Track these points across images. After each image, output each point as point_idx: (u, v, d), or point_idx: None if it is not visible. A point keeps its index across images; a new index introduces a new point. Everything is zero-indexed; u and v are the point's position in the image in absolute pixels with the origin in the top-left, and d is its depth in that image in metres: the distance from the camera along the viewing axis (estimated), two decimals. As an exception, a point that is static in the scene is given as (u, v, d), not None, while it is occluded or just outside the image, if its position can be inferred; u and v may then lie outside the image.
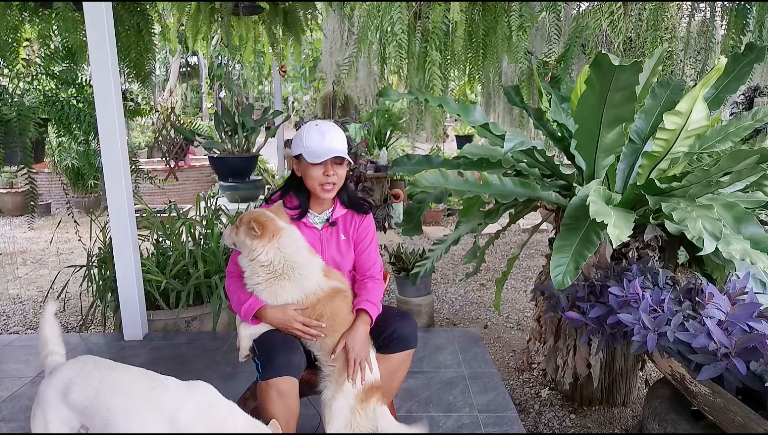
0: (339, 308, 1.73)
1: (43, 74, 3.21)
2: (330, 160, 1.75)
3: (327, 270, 1.78)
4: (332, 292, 1.73)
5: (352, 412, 1.62)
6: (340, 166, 1.79)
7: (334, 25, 4.83)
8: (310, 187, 1.81)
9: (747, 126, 2.28)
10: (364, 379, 1.65)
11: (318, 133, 1.75)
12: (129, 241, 2.87)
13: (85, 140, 3.19)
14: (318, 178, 1.76)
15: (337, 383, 1.65)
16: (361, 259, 1.91)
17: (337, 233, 1.88)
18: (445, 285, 4.50)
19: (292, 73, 10.73)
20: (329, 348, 1.69)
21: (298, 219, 1.84)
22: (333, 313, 1.71)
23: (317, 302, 1.70)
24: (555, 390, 2.65)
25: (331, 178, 1.77)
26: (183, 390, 1.48)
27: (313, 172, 1.76)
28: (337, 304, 1.73)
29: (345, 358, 1.66)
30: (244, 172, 5.62)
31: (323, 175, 1.76)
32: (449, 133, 9.62)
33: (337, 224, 1.89)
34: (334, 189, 1.80)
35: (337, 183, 1.80)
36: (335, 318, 1.71)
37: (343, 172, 1.81)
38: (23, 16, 3.39)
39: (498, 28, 2.78)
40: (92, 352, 2.89)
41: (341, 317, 1.72)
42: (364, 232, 1.91)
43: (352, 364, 1.64)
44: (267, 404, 1.61)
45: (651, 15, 2.57)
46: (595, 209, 1.74)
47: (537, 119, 2.57)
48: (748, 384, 1.57)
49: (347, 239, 1.89)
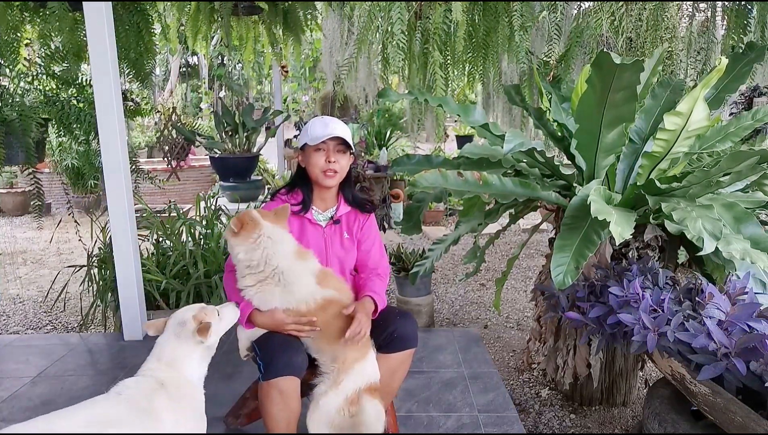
0: (330, 323, 1.69)
1: (43, 74, 3.21)
2: (332, 146, 1.79)
3: (322, 275, 1.72)
4: (325, 303, 1.69)
5: (337, 411, 1.62)
6: (342, 155, 1.82)
7: (334, 25, 4.82)
8: (313, 176, 1.83)
9: (747, 126, 2.28)
10: (357, 341, 1.64)
11: (321, 122, 1.82)
12: (129, 241, 2.87)
13: (86, 140, 3.19)
14: (320, 165, 1.80)
15: (334, 382, 1.64)
16: (367, 258, 1.92)
17: (341, 231, 1.89)
18: (445, 285, 4.50)
19: (292, 73, 10.72)
20: (328, 354, 1.69)
21: (302, 213, 1.85)
22: (327, 321, 1.68)
23: (308, 313, 1.67)
24: (555, 390, 2.65)
25: (333, 165, 1.80)
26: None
27: (316, 159, 1.80)
28: (329, 316, 1.69)
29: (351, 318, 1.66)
30: (244, 172, 5.61)
31: (325, 161, 1.79)
32: (449, 133, 9.62)
33: (341, 222, 1.90)
34: (336, 177, 1.82)
35: (339, 172, 1.82)
36: (329, 328, 1.68)
37: (345, 163, 1.84)
38: (24, 16, 3.39)
39: (499, 27, 2.77)
40: (92, 352, 2.89)
41: (336, 326, 1.69)
42: (368, 230, 1.93)
43: (357, 323, 1.64)
44: (268, 404, 1.61)
45: (651, 15, 2.57)
46: (596, 208, 1.74)
47: (537, 119, 2.57)
48: (748, 384, 1.57)
49: (351, 237, 1.90)
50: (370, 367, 1.70)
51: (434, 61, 2.64)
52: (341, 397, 1.63)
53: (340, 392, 1.63)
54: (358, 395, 1.64)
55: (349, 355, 1.66)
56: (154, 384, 1.37)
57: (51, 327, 3.69)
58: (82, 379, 2.56)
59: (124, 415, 1.28)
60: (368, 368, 1.69)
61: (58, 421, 1.21)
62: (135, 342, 2.94)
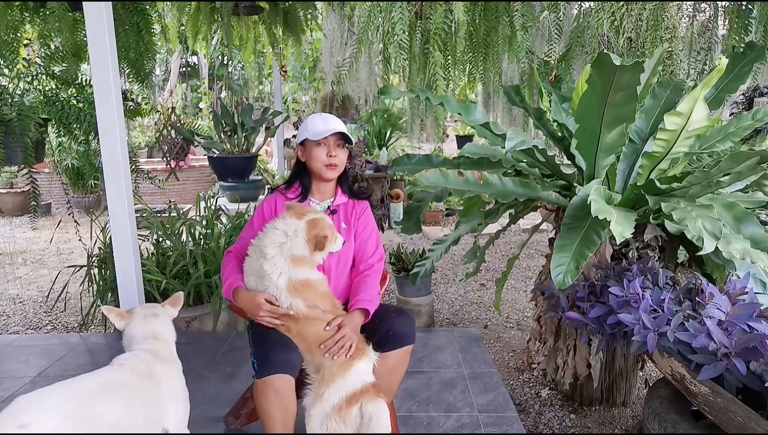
0: (309, 327, 1.69)
1: (43, 74, 3.21)
2: (333, 141, 1.87)
3: (294, 286, 1.70)
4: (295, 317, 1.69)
5: (327, 418, 1.62)
6: (341, 149, 1.90)
7: (334, 25, 4.83)
8: (315, 169, 1.90)
9: (747, 126, 2.28)
10: (339, 356, 1.64)
11: (321, 118, 1.90)
12: (129, 241, 2.86)
13: (85, 140, 3.19)
14: (322, 159, 1.87)
15: (316, 393, 1.65)
16: (363, 248, 1.94)
17: (338, 221, 1.93)
18: (445, 285, 4.50)
19: (292, 74, 10.72)
20: (312, 364, 1.69)
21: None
22: (302, 331, 1.68)
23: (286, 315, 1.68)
24: (555, 390, 2.65)
25: (334, 159, 1.87)
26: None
27: (318, 153, 1.87)
28: (305, 324, 1.69)
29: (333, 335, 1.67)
30: (243, 172, 5.62)
31: (327, 155, 1.87)
32: (449, 133, 9.62)
33: (339, 212, 1.94)
34: (336, 170, 1.90)
35: (339, 165, 1.90)
36: (306, 338, 1.68)
37: (344, 157, 1.92)
38: (23, 16, 3.39)
39: (499, 27, 2.77)
40: (92, 352, 2.89)
41: (314, 336, 1.68)
42: (364, 221, 1.97)
43: (338, 338, 1.65)
44: (263, 402, 1.61)
45: (651, 15, 2.56)
46: (596, 208, 1.74)
47: (537, 119, 2.57)
48: (748, 384, 1.58)
49: (348, 227, 1.94)
50: (355, 377, 1.66)
51: (435, 61, 2.64)
52: (327, 407, 1.62)
53: (325, 403, 1.62)
54: (348, 402, 1.63)
55: (330, 369, 1.65)
56: (149, 355, 1.63)
57: (51, 327, 3.69)
58: (82, 379, 2.55)
59: (132, 379, 1.52)
60: (352, 379, 1.66)
61: (78, 383, 1.44)
62: (135, 342, 2.94)
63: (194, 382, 2.49)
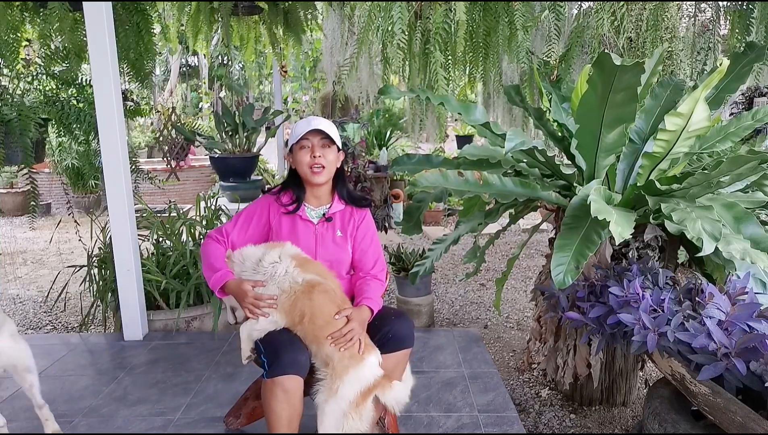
0: (320, 308, 1.68)
1: (43, 74, 3.21)
2: (316, 142, 1.81)
3: (303, 260, 1.75)
4: (308, 287, 1.69)
5: (344, 416, 1.61)
6: (328, 149, 1.83)
7: (334, 25, 4.82)
8: (303, 174, 1.85)
9: (747, 126, 2.28)
10: (346, 348, 1.64)
11: (304, 121, 1.85)
12: (129, 241, 2.87)
13: (86, 140, 3.19)
14: (306, 161, 1.82)
15: (329, 389, 1.63)
16: (363, 258, 1.90)
17: (333, 229, 1.88)
18: (445, 285, 4.50)
19: (292, 74, 10.72)
20: (320, 356, 1.68)
21: (294, 212, 1.86)
22: (313, 312, 1.67)
23: (294, 296, 1.68)
24: (555, 390, 2.65)
25: (319, 160, 1.81)
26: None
27: (301, 156, 1.83)
28: (317, 302, 1.68)
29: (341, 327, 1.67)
30: (244, 172, 5.61)
31: (310, 157, 1.81)
32: (449, 133, 9.62)
33: (334, 220, 1.89)
34: (323, 172, 1.83)
35: (326, 166, 1.83)
36: (315, 320, 1.67)
37: (331, 157, 1.85)
38: (23, 16, 3.39)
39: (499, 27, 2.77)
40: (92, 352, 2.89)
41: (323, 319, 1.67)
42: (364, 229, 1.92)
43: (346, 331, 1.64)
44: (271, 402, 1.61)
45: (651, 15, 2.56)
46: (596, 208, 1.74)
47: (537, 119, 2.57)
48: (748, 384, 1.57)
49: (344, 236, 1.89)
50: (368, 371, 1.66)
51: (435, 61, 2.64)
52: (344, 403, 1.60)
53: (340, 399, 1.60)
54: (363, 396, 1.62)
55: (341, 361, 1.63)
56: None
57: (51, 327, 3.70)
58: (82, 379, 2.55)
59: None
60: (366, 373, 1.65)
61: None
62: (135, 342, 2.94)
63: (194, 382, 2.50)
